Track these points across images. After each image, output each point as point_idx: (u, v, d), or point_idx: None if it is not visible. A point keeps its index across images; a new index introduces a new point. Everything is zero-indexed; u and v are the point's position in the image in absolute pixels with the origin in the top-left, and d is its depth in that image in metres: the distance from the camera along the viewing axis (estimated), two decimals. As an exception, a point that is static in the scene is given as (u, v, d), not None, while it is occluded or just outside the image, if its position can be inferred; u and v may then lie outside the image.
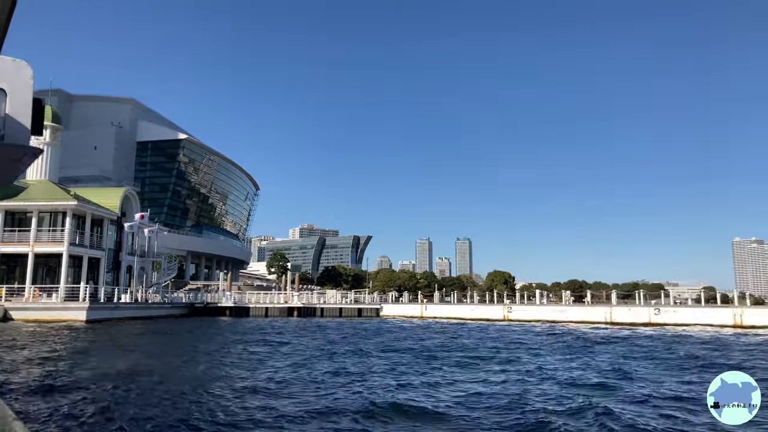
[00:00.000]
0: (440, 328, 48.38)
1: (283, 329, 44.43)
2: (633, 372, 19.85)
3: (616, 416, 12.19)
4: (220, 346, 30.43)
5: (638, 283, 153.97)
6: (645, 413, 12.82)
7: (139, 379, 17.43)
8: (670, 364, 22.74)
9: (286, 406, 13.22)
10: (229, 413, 12.49)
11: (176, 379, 18.24)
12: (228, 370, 20.16)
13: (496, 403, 13.76)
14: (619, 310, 57.71)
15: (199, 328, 44.78)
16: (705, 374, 19.04)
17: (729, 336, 39.93)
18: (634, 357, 25.21)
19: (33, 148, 7.29)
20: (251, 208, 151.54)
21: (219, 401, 13.89)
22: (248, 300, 71.94)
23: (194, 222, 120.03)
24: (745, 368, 20.02)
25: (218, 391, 15.47)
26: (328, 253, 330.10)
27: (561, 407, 13.33)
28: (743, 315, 50.16)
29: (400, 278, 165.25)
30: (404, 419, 12.12)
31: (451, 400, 14.14)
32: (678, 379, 18.47)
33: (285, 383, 16.73)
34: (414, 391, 15.46)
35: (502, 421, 11.93)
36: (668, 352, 27.36)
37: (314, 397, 14.52)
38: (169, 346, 30.98)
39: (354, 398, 14.12)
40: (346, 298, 78.49)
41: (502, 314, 62.85)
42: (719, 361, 23.27)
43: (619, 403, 13.94)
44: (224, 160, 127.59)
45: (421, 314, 68.07)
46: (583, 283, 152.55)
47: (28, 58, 6.75)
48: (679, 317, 52.89)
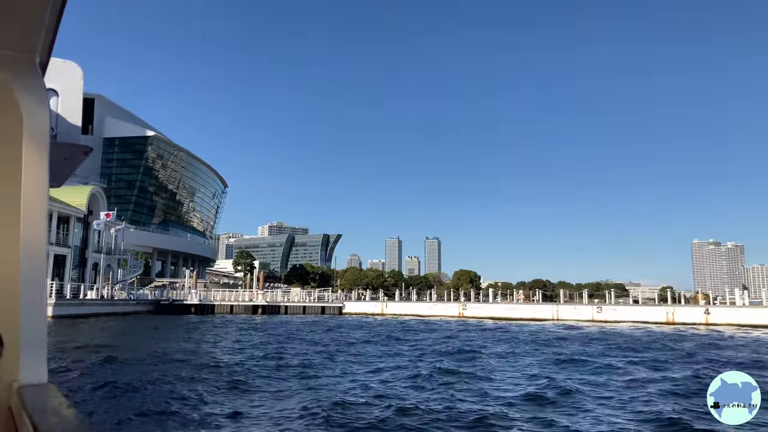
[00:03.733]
0: (375, 324, 51.31)
1: (231, 324, 46.92)
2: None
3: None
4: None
5: (601, 283, 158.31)
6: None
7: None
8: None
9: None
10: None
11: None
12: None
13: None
14: (564, 308, 61.48)
15: (165, 325, 46.70)
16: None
17: (646, 331, 43.70)
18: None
19: (84, 146, 8.16)
20: (219, 205, 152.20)
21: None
22: (213, 298, 73.54)
23: (161, 219, 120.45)
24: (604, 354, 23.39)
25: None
26: (297, 251, 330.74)
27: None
28: (675, 313, 54.33)
29: (368, 277, 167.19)
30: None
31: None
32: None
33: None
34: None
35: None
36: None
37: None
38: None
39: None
40: (310, 296, 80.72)
41: (457, 312, 66.06)
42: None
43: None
44: (192, 157, 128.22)
45: (381, 312, 70.82)
46: (547, 282, 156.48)
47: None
48: (619, 315, 56.85)
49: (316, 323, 51.28)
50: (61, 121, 7.92)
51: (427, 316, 65.11)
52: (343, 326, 47.47)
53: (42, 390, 2.48)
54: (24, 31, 2.61)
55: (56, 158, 8.15)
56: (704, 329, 47.82)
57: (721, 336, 40.72)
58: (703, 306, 56.91)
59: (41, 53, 2.86)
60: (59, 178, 11.00)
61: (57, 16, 2.59)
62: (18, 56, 2.75)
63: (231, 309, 69.77)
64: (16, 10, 2.44)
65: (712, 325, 51.22)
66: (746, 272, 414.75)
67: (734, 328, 48.96)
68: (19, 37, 2.65)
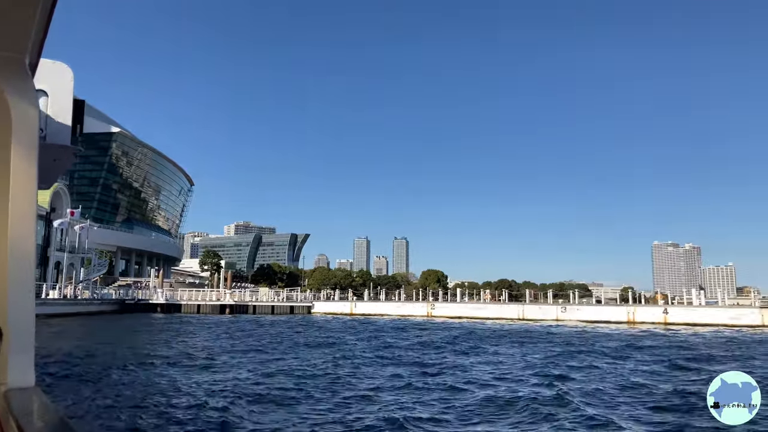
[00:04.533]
0: (341, 323, 51.72)
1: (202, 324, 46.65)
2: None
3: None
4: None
5: (565, 283, 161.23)
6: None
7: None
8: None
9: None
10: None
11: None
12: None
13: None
14: (530, 308, 62.90)
15: (133, 326, 46.06)
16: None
17: (603, 330, 45.22)
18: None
19: (74, 147, 7.82)
20: (185, 203, 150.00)
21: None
22: (180, 297, 72.66)
23: (125, 217, 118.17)
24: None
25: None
26: (265, 250, 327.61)
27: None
28: (635, 313, 56.19)
29: (336, 276, 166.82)
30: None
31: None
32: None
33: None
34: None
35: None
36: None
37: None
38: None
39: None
40: (279, 296, 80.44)
41: (425, 311, 66.84)
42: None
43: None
44: (157, 154, 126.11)
45: (350, 311, 71.10)
46: (513, 282, 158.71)
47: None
48: (582, 315, 58.47)
49: (296, 324, 51.19)
50: (51, 122, 7.78)
51: (396, 316, 65.69)
52: (328, 327, 47.63)
53: (29, 394, 2.45)
54: (13, 31, 2.59)
55: (45, 159, 7.95)
56: (662, 328, 49.64)
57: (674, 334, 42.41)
58: (662, 306, 58.99)
59: (31, 54, 2.84)
60: (48, 180, 10.73)
61: (47, 16, 2.55)
62: (7, 56, 2.72)
63: (198, 309, 69.08)
64: (5, 10, 2.43)
65: (671, 324, 53.17)
66: (703, 273, 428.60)
67: (691, 327, 50.94)
68: (9, 37, 2.63)
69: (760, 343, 35.32)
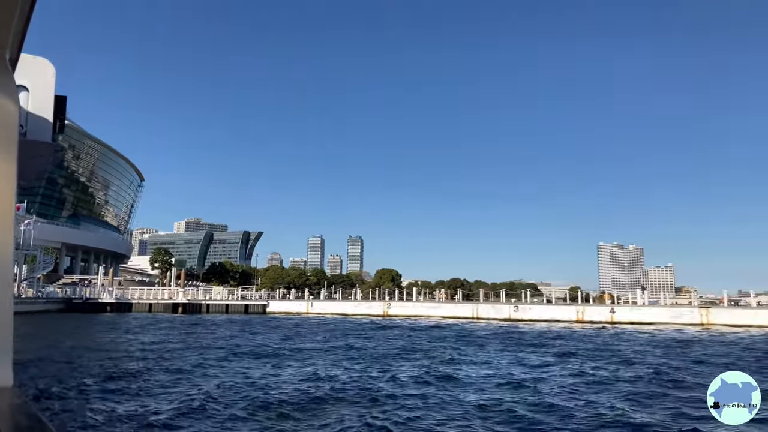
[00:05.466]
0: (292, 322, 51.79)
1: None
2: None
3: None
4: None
5: (515, 282, 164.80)
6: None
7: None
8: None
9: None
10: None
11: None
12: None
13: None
14: (484, 306, 64.36)
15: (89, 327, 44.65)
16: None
17: (541, 328, 46.90)
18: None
19: (55, 144, 7.53)
20: (135, 199, 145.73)
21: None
22: (131, 296, 70.82)
23: (71, 212, 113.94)
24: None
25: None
26: (216, 248, 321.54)
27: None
28: (584, 312, 58.32)
29: (290, 275, 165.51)
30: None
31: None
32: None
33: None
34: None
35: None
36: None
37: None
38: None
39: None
40: (233, 295, 79.42)
41: (382, 310, 67.39)
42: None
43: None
44: (107, 148, 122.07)
45: (307, 311, 70.94)
46: (465, 281, 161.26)
47: None
48: (534, 314, 60.26)
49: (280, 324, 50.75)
50: (32, 118, 7.50)
51: (353, 315, 65.97)
52: (303, 326, 47.40)
53: (7, 394, 2.41)
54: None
55: (25, 156, 7.71)
56: (609, 327, 51.75)
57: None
58: (608, 305, 61.44)
59: (11, 48, 2.76)
60: (28, 177, 10.30)
61: (28, 10, 2.48)
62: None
63: (150, 308, 67.51)
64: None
65: (617, 323, 55.46)
66: (645, 273, 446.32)
67: (635, 325, 53.29)
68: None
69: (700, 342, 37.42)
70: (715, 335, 43.10)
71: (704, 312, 54.99)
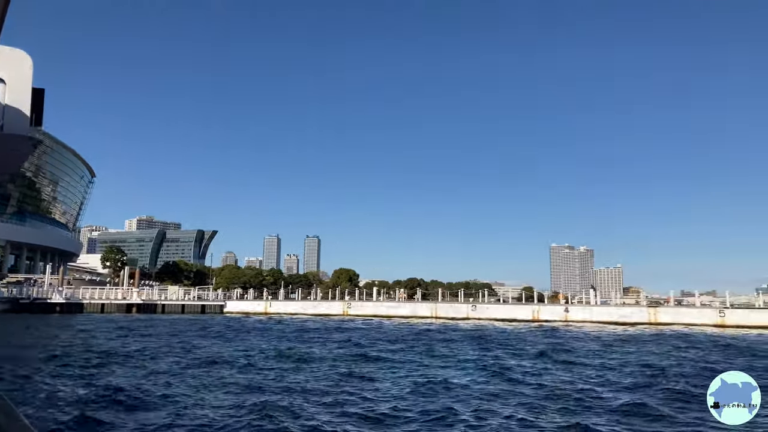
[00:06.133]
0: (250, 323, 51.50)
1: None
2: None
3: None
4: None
5: (470, 282, 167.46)
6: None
7: None
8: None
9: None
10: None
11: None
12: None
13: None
14: (443, 306, 65.33)
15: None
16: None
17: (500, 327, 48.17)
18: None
19: (32, 138, 7.35)
20: (85, 196, 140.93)
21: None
22: (82, 296, 68.57)
23: (16, 209, 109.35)
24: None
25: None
26: (169, 247, 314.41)
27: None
28: (540, 311, 59.95)
29: (246, 275, 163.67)
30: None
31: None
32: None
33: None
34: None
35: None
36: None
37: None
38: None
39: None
40: (189, 294, 77.95)
41: (342, 310, 67.47)
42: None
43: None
44: (56, 142, 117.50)
45: (265, 310, 70.32)
46: (421, 281, 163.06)
47: None
48: (491, 313, 61.56)
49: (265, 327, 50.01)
50: (8, 111, 7.30)
51: (313, 315, 65.79)
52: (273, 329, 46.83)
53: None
54: None
55: (2, 149, 7.53)
56: (563, 326, 53.40)
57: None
58: (563, 305, 63.34)
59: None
60: (5, 171, 10.02)
61: (4, 2, 2.33)
62: None
63: (102, 308, 65.56)
64: None
65: (571, 322, 57.27)
66: (595, 274, 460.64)
67: (588, 324, 55.16)
68: None
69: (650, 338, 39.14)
70: (664, 333, 45.08)
71: (653, 311, 57.36)
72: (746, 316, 54.27)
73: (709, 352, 30.16)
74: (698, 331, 48.10)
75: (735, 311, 55.77)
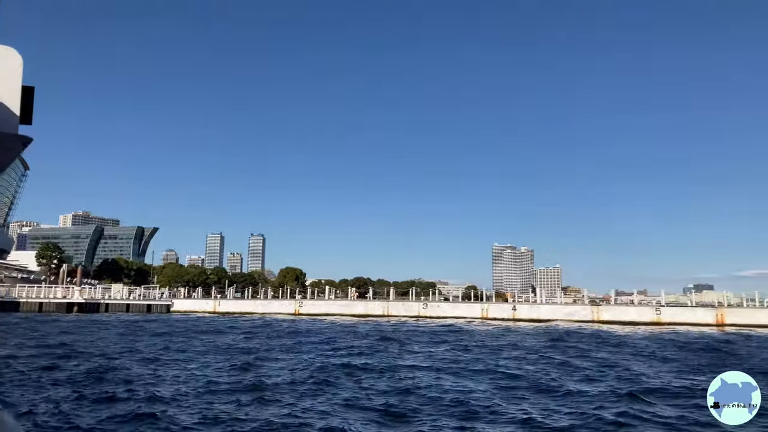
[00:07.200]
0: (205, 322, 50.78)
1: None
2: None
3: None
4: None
5: (414, 281, 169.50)
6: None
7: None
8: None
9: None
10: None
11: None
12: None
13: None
14: (395, 304, 66.07)
15: None
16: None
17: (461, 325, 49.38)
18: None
19: (22, 136, 7.10)
20: (17, 190, 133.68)
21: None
22: (18, 294, 65.30)
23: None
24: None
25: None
26: (107, 244, 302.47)
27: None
28: (489, 309, 61.60)
29: (189, 273, 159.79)
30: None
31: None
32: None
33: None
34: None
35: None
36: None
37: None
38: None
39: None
40: (134, 293, 75.54)
41: (293, 309, 67.06)
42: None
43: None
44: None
45: (214, 309, 69.02)
46: (368, 280, 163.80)
47: None
48: (442, 311, 62.75)
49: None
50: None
51: (263, 314, 65.07)
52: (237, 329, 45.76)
53: None
54: None
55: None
56: (512, 323, 55.07)
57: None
58: (511, 303, 65.28)
59: None
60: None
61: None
62: None
63: (40, 307, 62.63)
64: None
65: (519, 320, 59.15)
66: (535, 274, 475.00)
67: (535, 322, 57.10)
68: None
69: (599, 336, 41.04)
70: (609, 330, 47.32)
71: (595, 309, 60.06)
72: (679, 314, 57.83)
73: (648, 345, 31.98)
74: (636, 329, 50.82)
75: (668, 309, 59.32)
